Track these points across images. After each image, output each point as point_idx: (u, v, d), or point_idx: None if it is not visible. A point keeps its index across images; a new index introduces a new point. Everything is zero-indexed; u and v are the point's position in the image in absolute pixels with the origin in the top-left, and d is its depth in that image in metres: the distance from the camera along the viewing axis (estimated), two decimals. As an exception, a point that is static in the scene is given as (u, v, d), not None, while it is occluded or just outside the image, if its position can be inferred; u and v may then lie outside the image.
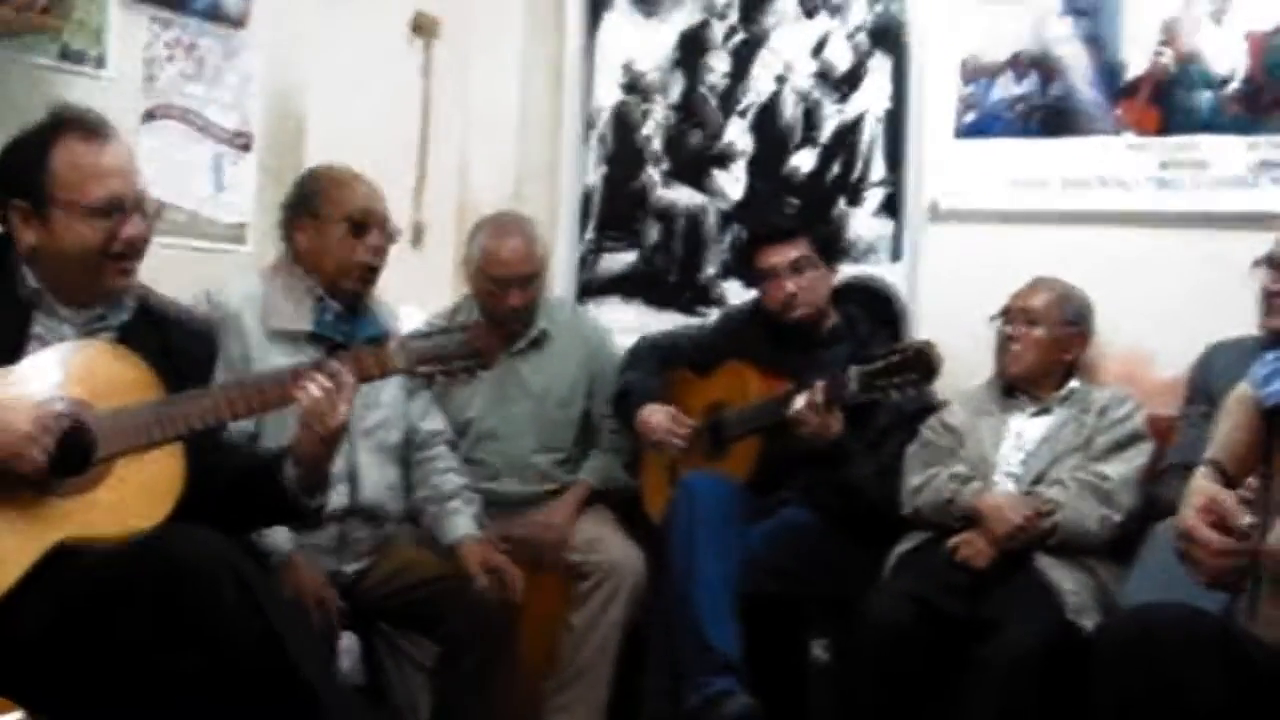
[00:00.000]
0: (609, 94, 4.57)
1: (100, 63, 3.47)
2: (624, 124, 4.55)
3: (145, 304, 2.59)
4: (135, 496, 2.36)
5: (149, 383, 2.44)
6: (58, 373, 2.38)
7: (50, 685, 2.18)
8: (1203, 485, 2.22)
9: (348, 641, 3.46)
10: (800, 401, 3.30)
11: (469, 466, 3.64)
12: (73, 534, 2.29)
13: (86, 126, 2.48)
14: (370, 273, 3.28)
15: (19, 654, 2.19)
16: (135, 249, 2.51)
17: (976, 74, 3.92)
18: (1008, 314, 3.50)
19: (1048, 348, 3.47)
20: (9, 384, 2.33)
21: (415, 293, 4.10)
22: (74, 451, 2.33)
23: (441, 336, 2.71)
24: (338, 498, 3.11)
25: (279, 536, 3.04)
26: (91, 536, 2.29)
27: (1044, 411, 3.47)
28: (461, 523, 3.39)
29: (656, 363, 3.89)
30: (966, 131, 3.95)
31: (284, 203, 3.36)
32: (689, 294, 4.42)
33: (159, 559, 2.20)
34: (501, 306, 3.75)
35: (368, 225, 3.26)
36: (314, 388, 2.51)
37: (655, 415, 3.70)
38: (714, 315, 4.23)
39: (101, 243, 2.45)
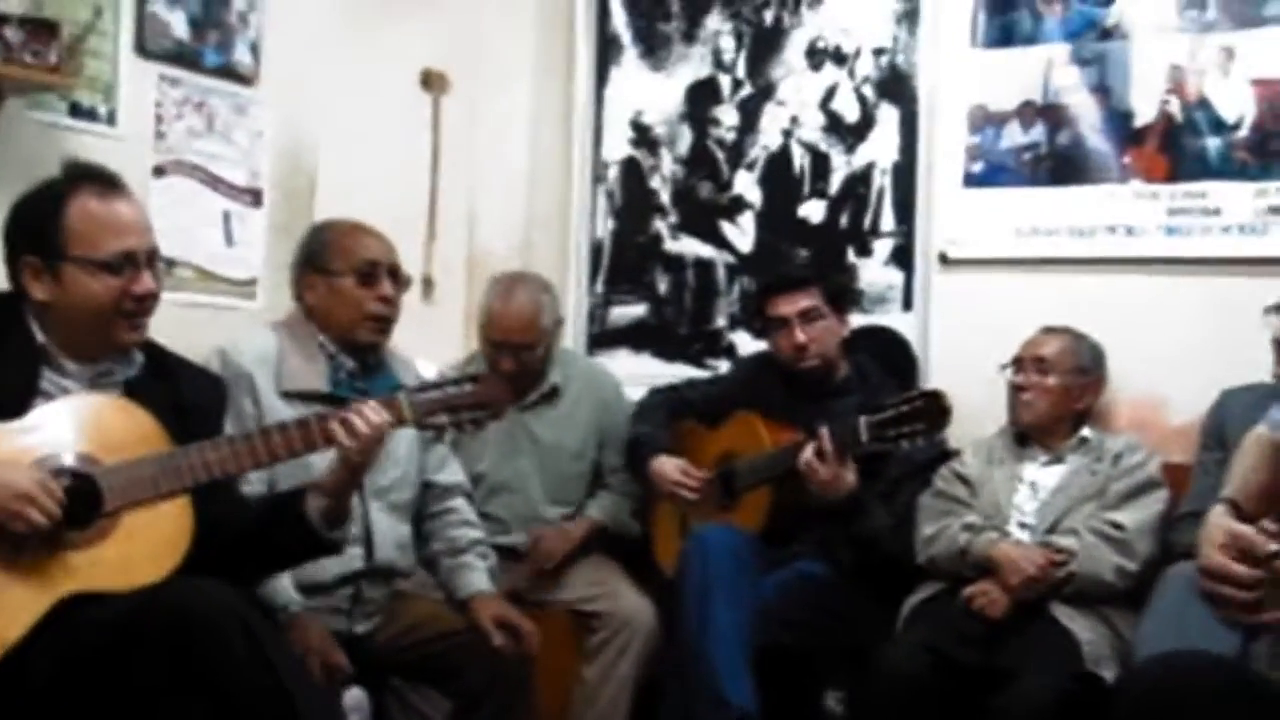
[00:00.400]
0: (618, 147, 4.58)
1: (111, 119, 3.50)
2: (633, 176, 4.56)
3: (153, 358, 2.58)
4: (143, 549, 2.34)
5: (156, 436, 2.43)
6: (65, 426, 2.37)
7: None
8: (1221, 522, 2.19)
9: (358, 697, 3.42)
10: (808, 452, 3.28)
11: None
12: (80, 587, 2.27)
13: (100, 181, 2.47)
14: (383, 323, 3.22)
15: (27, 707, 2.18)
16: (147, 305, 2.50)
17: (984, 123, 3.93)
18: (1018, 363, 3.49)
19: (1059, 396, 3.45)
20: (15, 437, 2.32)
21: (426, 346, 4.08)
22: (81, 505, 2.31)
23: (452, 388, 2.66)
24: (352, 560, 3.09)
25: (287, 593, 3.01)
26: (99, 590, 2.27)
27: (1057, 460, 3.45)
28: (475, 578, 3.34)
29: (666, 414, 3.88)
30: (975, 180, 3.95)
31: (292, 260, 3.33)
32: (699, 345, 4.42)
33: (167, 610, 2.18)
34: (497, 369, 3.74)
35: (376, 275, 3.20)
36: (359, 422, 2.51)
37: (666, 466, 3.70)
38: (724, 366, 4.24)
39: (114, 298, 2.44)
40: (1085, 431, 3.47)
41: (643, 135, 4.55)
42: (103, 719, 2.18)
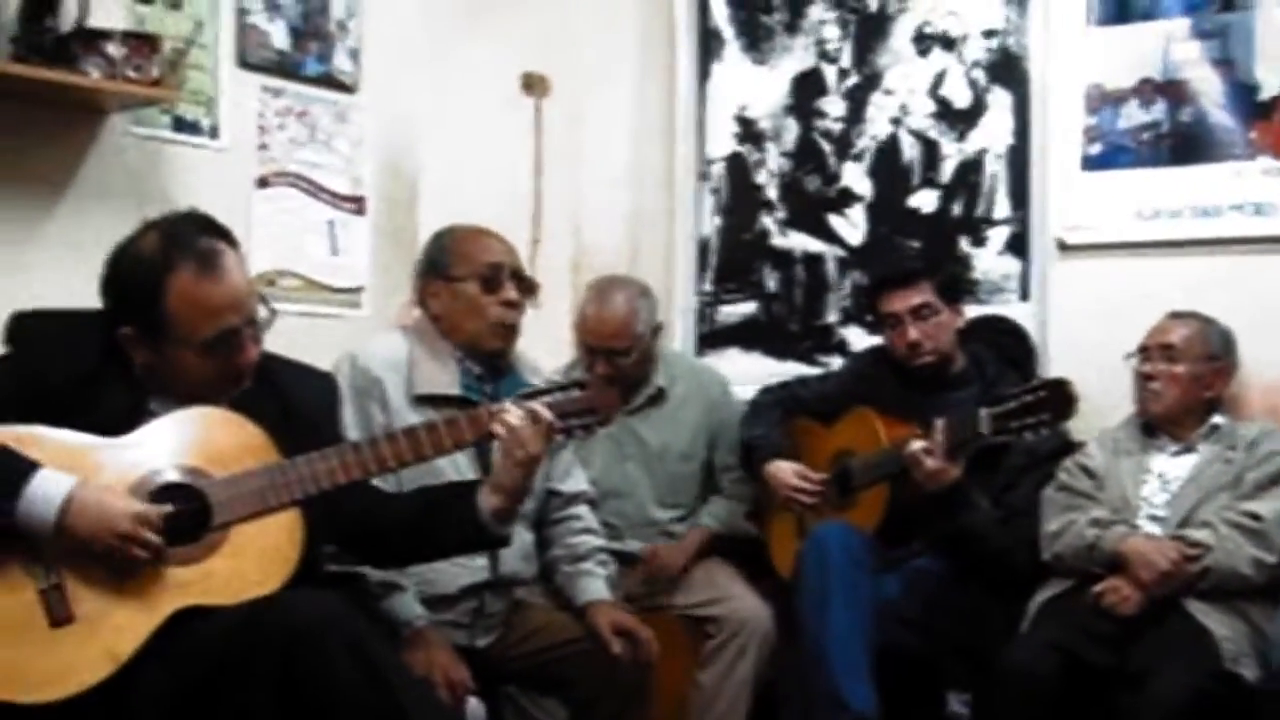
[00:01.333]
0: (722, 143, 4.52)
1: (213, 133, 3.52)
2: (738, 172, 4.50)
3: (261, 369, 2.55)
4: (252, 562, 2.31)
5: (264, 447, 2.40)
6: (171, 441, 2.35)
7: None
8: None
9: (475, 708, 3.39)
10: (916, 445, 3.20)
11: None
12: (191, 602, 2.25)
13: (200, 257, 2.39)
14: (508, 329, 3.18)
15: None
16: (247, 370, 2.46)
17: (1101, 103, 3.82)
18: (1145, 351, 3.37)
19: (1189, 384, 3.33)
20: (121, 454, 2.31)
21: (532, 351, 4.06)
22: (189, 520, 2.30)
23: (559, 394, 2.61)
24: (478, 571, 3.08)
25: (411, 608, 2.98)
26: (208, 605, 2.25)
27: (1187, 450, 3.34)
28: (594, 585, 3.29)
29: (780, 414, 3.83)
30: (1093, 163, 3.83)
31: (415, 268, 3.28)
32: (810, 342, 4.35)
33: (272, 624, 2.16)
34: (594, 370, 3.70)
35: (499, 279, 3.15)
36: (512, 417, 2.49)
37: (783, 471, 3.66)
38: (836, 363, 4.16)
39: (216, 374, 2.42)
40: (1216, 419, 3.35)
41: (747, 130, 4.48)
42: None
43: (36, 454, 2.23)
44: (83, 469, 2.26)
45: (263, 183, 3.65)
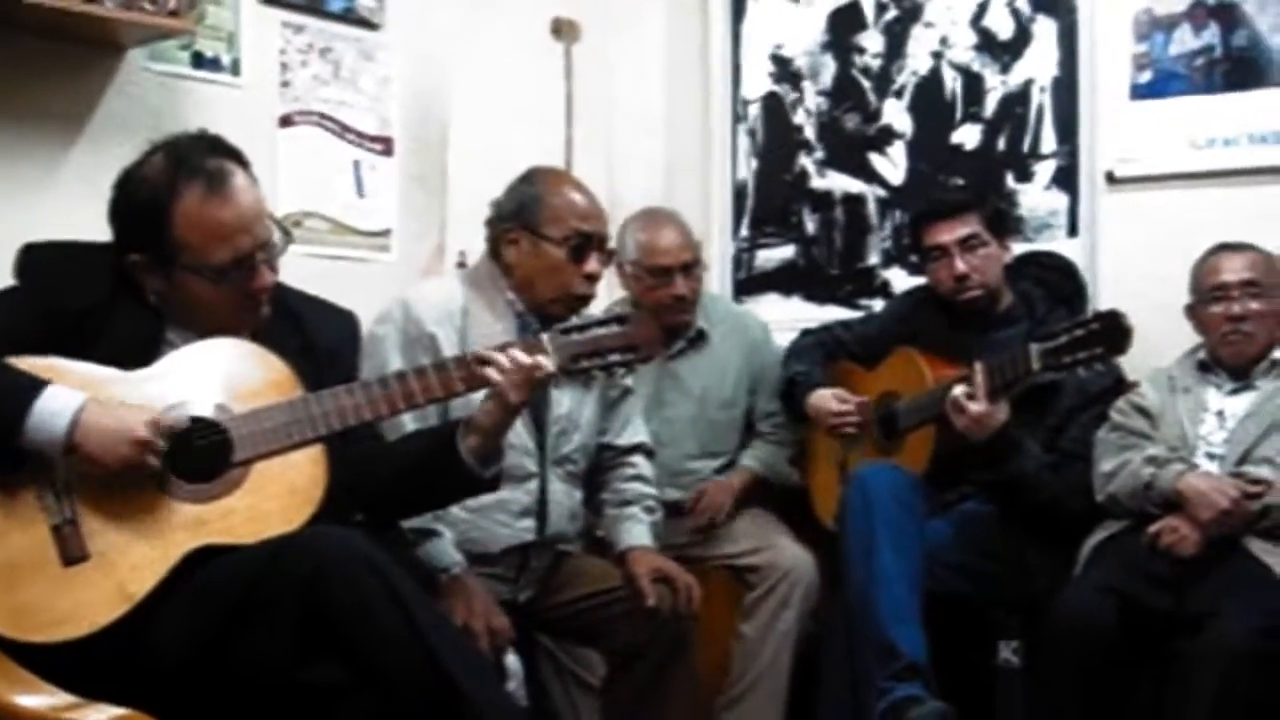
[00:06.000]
0: (758, 83, 4.41)
1: (235, 69, 3.44)
2: (775, 113, 4.39)
3: (278, 299, 2.46)
4: (274, 501, 2.23)
5: (288, 381, 2.32)
6: (193, 374, 2.28)
7: (187, 699, 2.07)
8: None
9: (512, 662, 3.30)
10: (958, 390, 3.09)
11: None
12: (209, 541, 2.18)
13: (208, 178, 2.31)
14: (581, 301, 3.05)
15: (155, 663, 2.09)
16: (264, 296, 2.38)
17: (1151, 29, 3.71)
18: (1221, 290, 3.22)
19: (1276, 320, 3.20)
20: (143, 386, 2.24)
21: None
22: (210, 456, 2.22)
23: (599, 329, 2.48)
24: (523, 532, 3.01)
25: (449, 554, 2.89)
26: (229, 543, 2.18)
27: (1246, 387, 3.22)
28: (635, 530, 3.20)
29: (821, 355, 3.74)
30: (1143, 92, 3.73)
31: (496, 208, 3.11)
32: (851, 286, 4.24)
33: (297, 561, 2.08)
34: (666, 298, 3.64)
35: (587, 250, 3.01)
36: (505, 360, 2.38)
37: (824, 399, 3.57)
38: (878, 307, 4.05)
39: (229, 300, 2.33)
40: (1276, 354, 3.21)
41: (783, 69, 4.37)
42: (234, 673, 2.08)
43: (54, 387, 2.16)
44: (102, 401, 2.18)
45: (286, 121, 3.57)
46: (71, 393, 2.14)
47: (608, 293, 4.12)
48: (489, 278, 3.07)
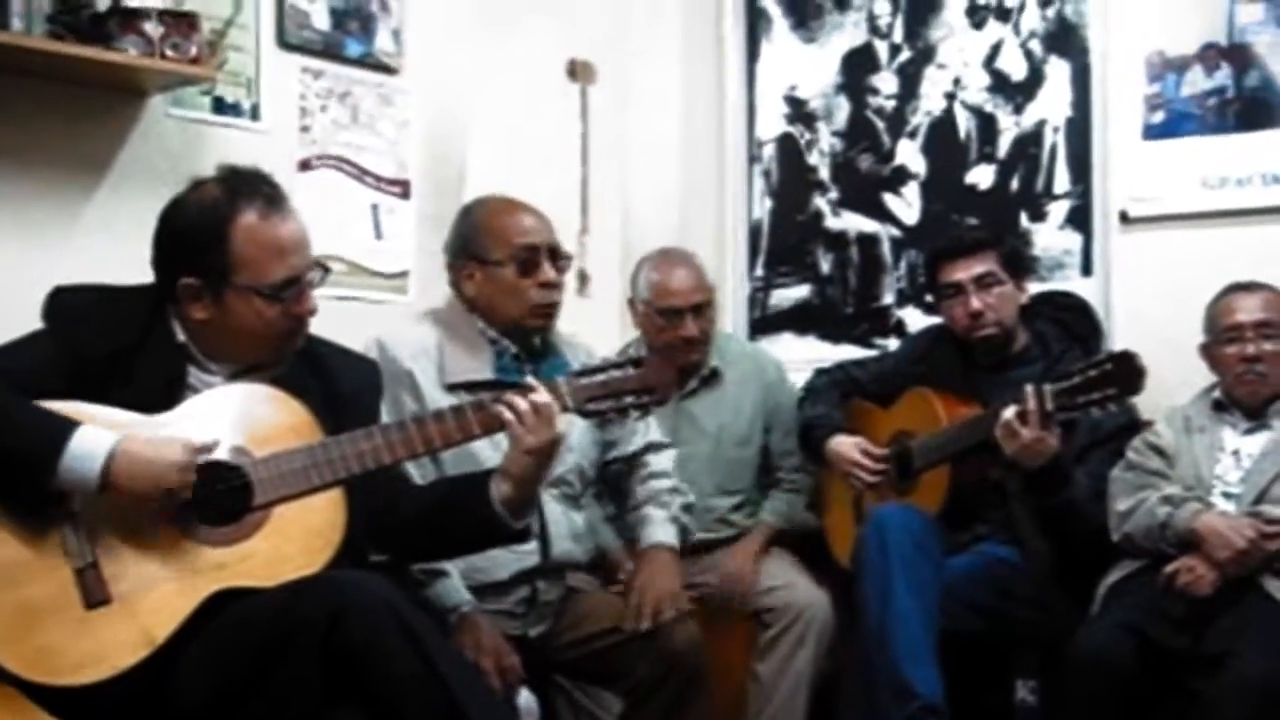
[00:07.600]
0: (772, 124, 4.45)
1: (254, 114, 3.48)
2: (789, 153, 4.42)
3: (305, 351, 2.48)
4: (294, 544, 2.25)
5: (308, 426, 2.34)
6: (214, 418, 2.30)
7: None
8: None
9: (527, 700, 3.31)
10: (1009, 412, 3.07)
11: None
12: (230, 584, 2.20)
13: (265, 198, 2.37)
14: (548, 309, 3.10)
15: (175, 706, 2.11)
16: (306, 324, 2.43)
17: (1163, 70, 3.71)
18: (1235, 331, 3.22)
19: None
20: (166, 431, 2.25)
21: (583, 340, 3.99)
22: (231, 499, 2.24)
23: (615, 371, 2.51)
24: (526, 557, 3.00)
25: (459, 593, 2.91)
26: (249, 586, 2.20)
27: (1261, 426, 3.21)
28: (649, 530, 3.24)
29: (837, 395, 3.75)
30: (1156, 132, 3.73)
31: (446, 249, 3.20)
32: (866, 325, 4.26)
33: (317, 603, 2.10)
34: (676, 339, 3.66)
35: (536, 260, 3.07)
36: (520, 401, 2.40)
37: (844, 446, 3.58)
38: (893, 345, 4.06)
39: (279, 324, 2.37)
40: (1291, 393, 3.22)
41: (798, 110, 4.41)
42: (254, 716, 2.10)
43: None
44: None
45: (305, 165, 3.61)
46: (103, 432, 2.16)
47: (622, 333, 4.15)
48: (458, 314, 3.12)
